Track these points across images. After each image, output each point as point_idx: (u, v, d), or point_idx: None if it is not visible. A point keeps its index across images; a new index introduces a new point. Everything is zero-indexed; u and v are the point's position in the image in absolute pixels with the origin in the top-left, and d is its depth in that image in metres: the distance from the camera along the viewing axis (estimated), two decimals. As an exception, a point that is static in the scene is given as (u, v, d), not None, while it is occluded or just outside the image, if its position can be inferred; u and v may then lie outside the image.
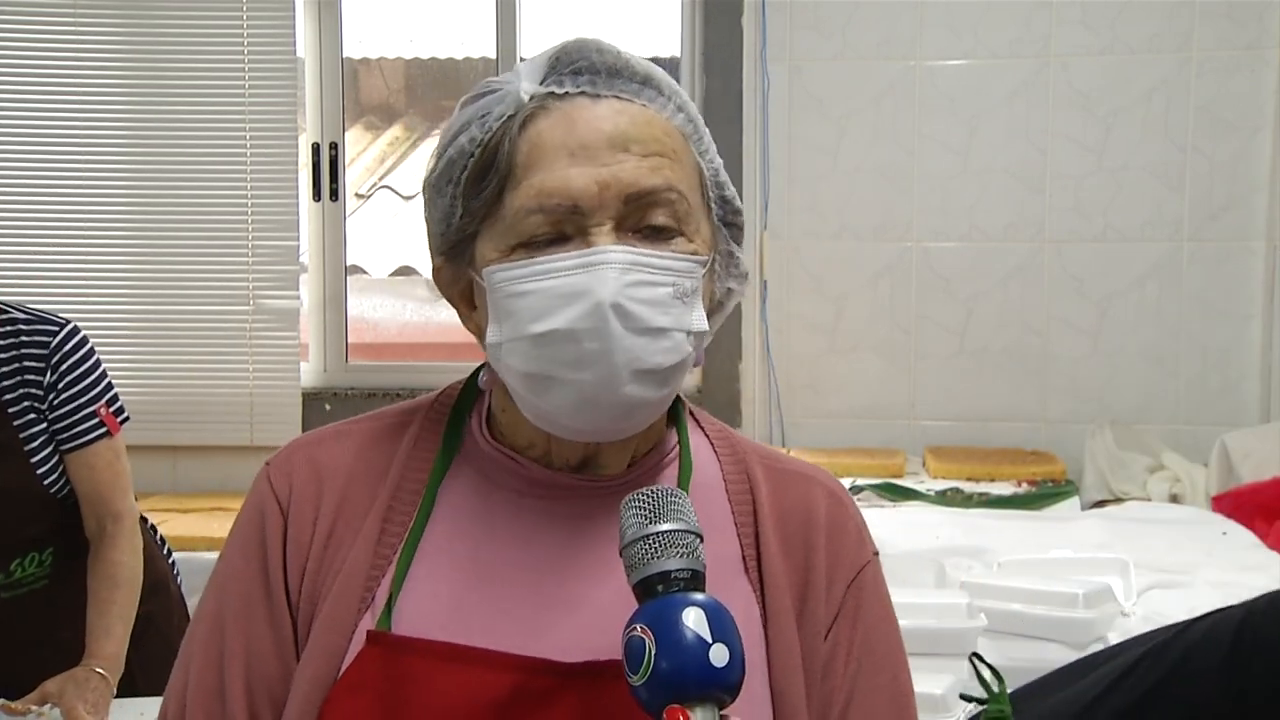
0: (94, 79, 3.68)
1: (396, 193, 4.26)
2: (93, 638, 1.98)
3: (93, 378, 2.09)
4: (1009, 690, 1.72)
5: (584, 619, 0.95)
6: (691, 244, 0.95)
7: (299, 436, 1.08)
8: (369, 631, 0.95)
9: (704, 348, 0.99)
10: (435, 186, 0.98)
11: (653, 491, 0.87)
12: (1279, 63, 3.52)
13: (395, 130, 4.35)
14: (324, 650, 0.95)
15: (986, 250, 3.69)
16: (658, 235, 0.94)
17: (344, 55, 3.85)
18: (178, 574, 2.32)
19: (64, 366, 2.05)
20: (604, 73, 0.95)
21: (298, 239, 3.75)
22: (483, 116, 0.96)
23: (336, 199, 3.84)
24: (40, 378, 2.04)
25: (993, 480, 3.40)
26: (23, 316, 2.08)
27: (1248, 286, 3.59)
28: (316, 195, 3.83)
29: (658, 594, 0.83)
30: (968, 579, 2.31)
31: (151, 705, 1.93)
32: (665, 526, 0.85)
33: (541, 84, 0.95)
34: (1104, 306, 3.67)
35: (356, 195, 4.16)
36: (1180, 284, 3.63)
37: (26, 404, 2.04)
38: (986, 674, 1.79)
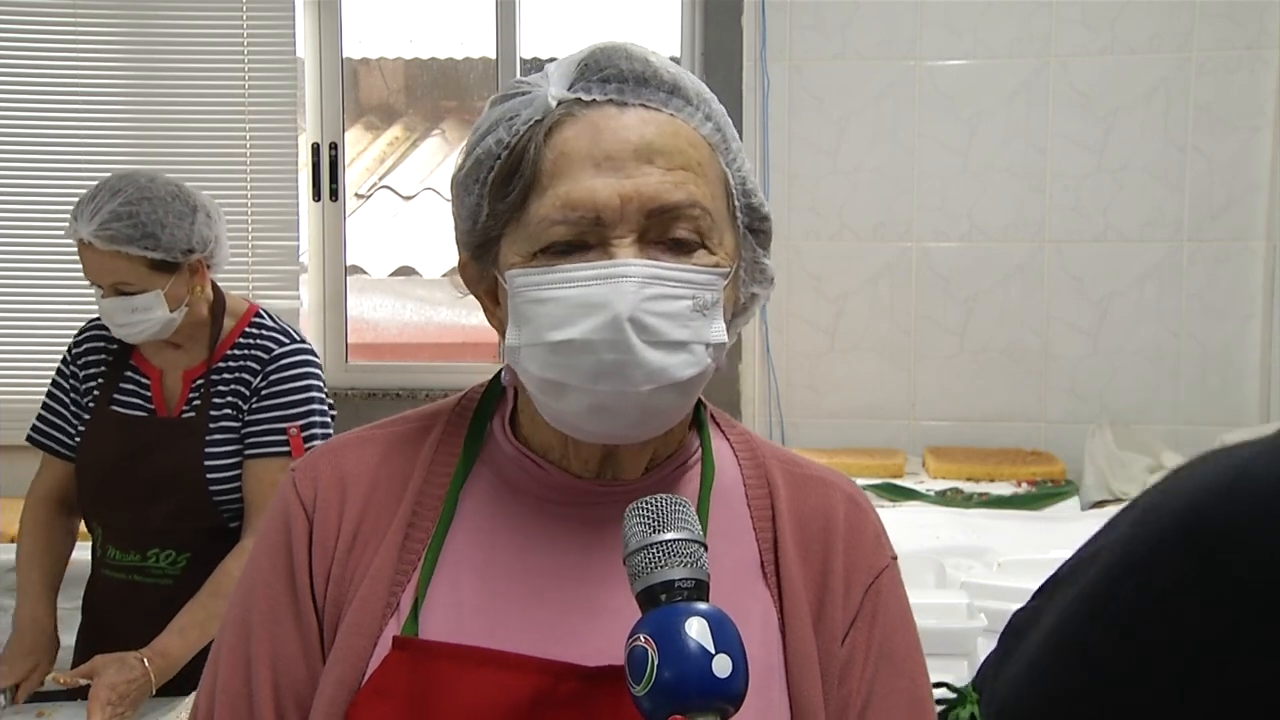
0: (94, 79, 3.68)
1: (396, 193, 4.26)
2: (167, 630, 2.02)
3: (296, 397, 2.17)
4: None
5: (604, 623, 0.96)
6: (713, 256, 0.95)
7: (325, 442, 1.10)
8: (395, 637, 0.95)
9: (725, 353, 0.99)
10: (463, 184, 0.99)
11: (656, 500, 0.88)
12: (1279, 63, 3.52)
13: (395, 130, 4.35)
14: (349, 654, 0.96)
15: (986, 250, 3.70)
16: (679, 247, 0.94)
17: (344, 55, 3.85)
18: None
19: (274, 375, 2.16)
20: (632, 81, 0.95)
21: (298, 239, 3.75)
22: (510, 119, 0.95)
23: (336, 199, 3.84)
24: (253, 379, 2.16)
25: (993, 480, 3.40)
26: (269, 324, 2.23)
27: (1248, 286, 3.59)
28: (316, 195, 3.83)
29: (661, 603, 0.83)
30: (968, 579, 2.31)
31: (150, 704, 1.94)
32: (669, 535, 0.85)
33: (570, 89, 0.95)
34: (1104, 306, 3.67)
35: (356, 195, 4.16)
36: (1180, 284, 3.63)
37: (231, 399, 2.16)
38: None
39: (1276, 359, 3.53)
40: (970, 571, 2.44)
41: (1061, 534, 2.78)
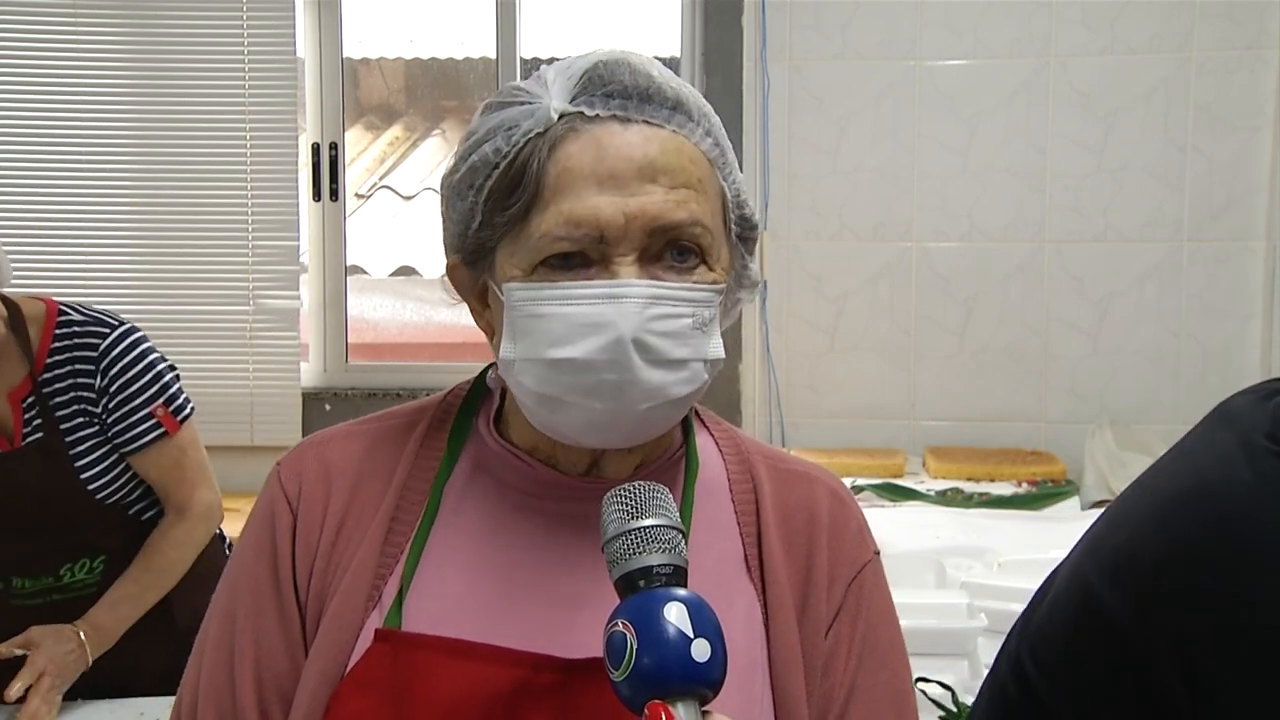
0: (94, 79, 3.68)
1: (396, 193, 4.26)
2: (99, 604, 2.00)
3: (146, 379, 2.05)
4: None
5: (589, 616, 0.96)
6: (712, 273, 0.96)
7: (310, 436, 1.09)
8: (377, 629, 0.96)
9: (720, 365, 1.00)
10: (455, 189, 0.98)
11: (634, 487, 0.88)
12: (1279, 63, 3.52)
13: (395, 130, 4.35)
14: (331, 647, 0.97)
15: (986, 250, 3.70)
16: (681, 263, 0.94)
17: (344, 55, 3.85)
18: None
19: (114, 370, 2.02)
20: (635, 97, 0.95)
21: (298, 239, 3.75)
22: (509, 129, 0.95)
23: (336, 199, 3.84)
24: (91, 381, 2.02)
25: (993, 480, 3.40)
26: (78, 319, 2.06)
27: (1248, 286, 3.59)
28: (316, 195, 3.83)
29: (639, 589, 0.83)
30: (968, 579, 2.31)
31: (151, 704, 1.94)
32: (647, 522, 0.85)
33: (572, 103, 0.95)
34: (1104, 306, 3.67)
35: (356, 195, 4.16)
36: (1180, 284, 3.63)
37: (77, 408, 2.02)
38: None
39: (1276, 359, 3.53)
40: (970, 571, 2.44)
41: (1062, 534, 2.78)
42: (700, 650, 0.80)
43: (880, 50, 3.67)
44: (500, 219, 0.95)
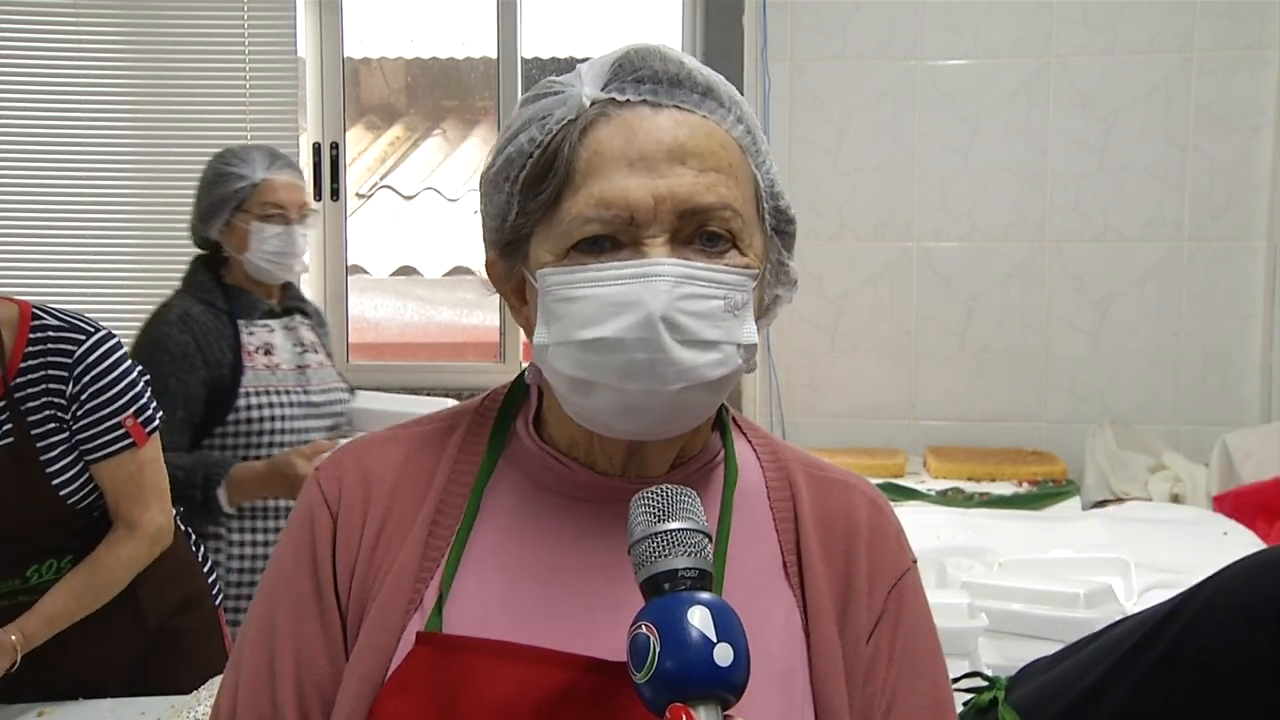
0: (95, 79, 3.68)
1: (397, 192, 4.26)
2: (36, 614, 1.96)
3: (118, 388, 2.02)
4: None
5: (628, 618, 0.94)
6: (744, 257, 0.96)
7: (347, 442, 1.09)
8: (419, 632, 0.96)
9: (754, 355, 1.00)
10: (493, 183, 0.99)
11: (662, 490, 0.88)
12: (1279, 63, 3.52)
13: (396, 130, 4.35)
14: (373, 650, 0.96)
15: (986, 250, 3.70)
16: (711, 247, 0.94)
17: (345, 55, 3.86)
18: (218, 593, 2.30)
19: (87, 377, 1.98)
20: (666, 82, 0.96)
21: (298, 239, 3.75)
22: (543, 118, 0.96)
23: (337, 199, 3.84)
24: (63, 387, 1.98)
25: (993, 480, 3.40)
26: (53, 323, 2.01)
27: (1248, 286, 3.60)
28: (317, 195, 3.83)
29: (664, 592, 0.83)
30: (969, 579, 2.31)
31: (151, 704, 1.94)
32: (674, 525, 0.85)
33: (603, 89, 0.95)
34: (1104, 306, 3.67)
35: (357, 195, 4.16)
36: (1180, 284, 3.63)
37: (49, 413, 1.99)
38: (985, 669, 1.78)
39: (1276, 359, 3.53)
40: (971, 571, 2.44)
41: (1062, 534, 2.78)
42: (723, 654, 0.80)
43: (881, 50, 3.67)
44: (533, 205, 0.96)
